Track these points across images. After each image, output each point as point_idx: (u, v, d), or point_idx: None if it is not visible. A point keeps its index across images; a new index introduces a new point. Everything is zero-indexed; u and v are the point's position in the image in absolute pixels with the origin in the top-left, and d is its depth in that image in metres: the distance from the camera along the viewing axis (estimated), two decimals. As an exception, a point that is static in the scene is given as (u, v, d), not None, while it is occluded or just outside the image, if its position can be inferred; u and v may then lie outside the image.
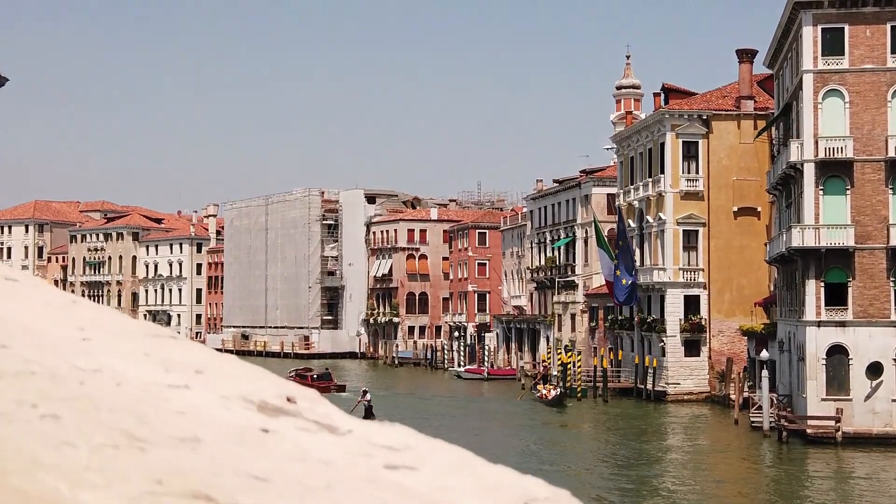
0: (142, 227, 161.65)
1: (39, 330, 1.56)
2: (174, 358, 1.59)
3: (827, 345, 52.46)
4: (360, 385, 77.88)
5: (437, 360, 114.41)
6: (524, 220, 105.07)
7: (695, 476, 44.53)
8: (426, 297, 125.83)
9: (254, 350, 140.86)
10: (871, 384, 52.01)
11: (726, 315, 72.49)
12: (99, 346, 1.56)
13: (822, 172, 53.39)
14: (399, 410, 65.54)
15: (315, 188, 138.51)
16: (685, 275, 73.16)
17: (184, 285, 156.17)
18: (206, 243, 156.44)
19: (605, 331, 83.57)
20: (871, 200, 53.13)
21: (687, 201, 73.22)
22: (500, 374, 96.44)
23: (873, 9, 53.46)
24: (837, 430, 51.00)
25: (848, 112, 53.39)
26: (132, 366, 1.49)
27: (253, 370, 1.69)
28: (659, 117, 74.75)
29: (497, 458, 6.91)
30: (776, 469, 46.98)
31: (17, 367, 1.37)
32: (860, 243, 52.79)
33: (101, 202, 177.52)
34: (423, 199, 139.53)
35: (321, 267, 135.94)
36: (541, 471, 41.52)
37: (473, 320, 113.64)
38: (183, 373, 1.53)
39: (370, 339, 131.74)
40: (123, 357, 1.52)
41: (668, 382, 72.48)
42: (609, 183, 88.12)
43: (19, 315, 1.61)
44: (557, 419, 64.14)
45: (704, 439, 55.97)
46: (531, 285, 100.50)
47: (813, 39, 53.85)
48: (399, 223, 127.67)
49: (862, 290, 52.80)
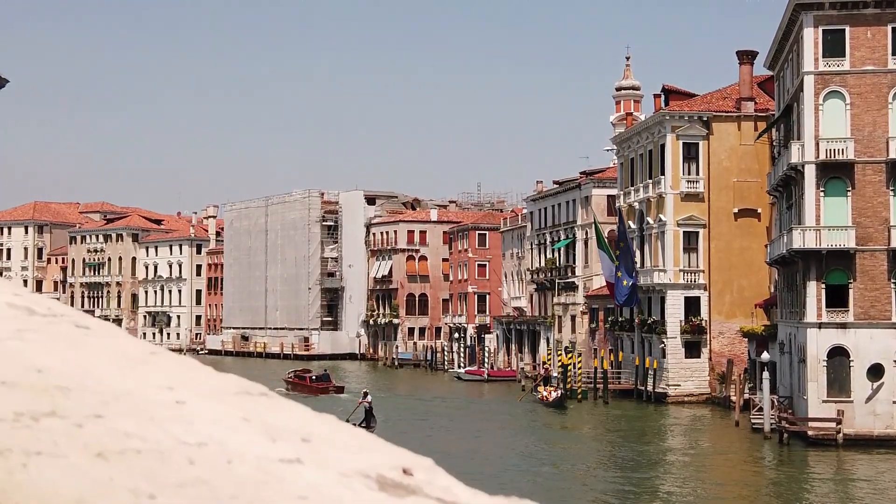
0: (141, 229, 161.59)
1: (129, 392, 1.44)
2: (275, 423, 1.48)
3: (828, 346, 52.44)
4: (360, 386, 77.83)
5: (437, 361, 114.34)
6: (524, 221, 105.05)
7: (695, 478, 44.48)
8: (426, 298, 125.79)
9: (253, 351, 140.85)
10: (871, 386, 51.99)
11: (727, 316, 72.48)
12: (195, 410, 1.45)
13: (822, 174, 53.37)
14: (399, 412, 65.51)
15: (315, 189, 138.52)
16: (685, 276, 73.15)
17: (183, 286, 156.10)
18: (206, 244, 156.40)
19: (606, 332, 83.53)
20: (872, 202, 53.12)
21: (687, 203, 73.21)
22: (500, 376, 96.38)
23: (874, 10, 53.45)
24: (838, 432, 50.96)
25: (849, 114, 53.37)
26: (236, 436, 1.37)
27: (358, 435, 1.57)
28: (659, 119, 74.75)
29: (498, 460, 6.84)
30: (777, 471, 46.94)
31: (120, 444, 1.27)
32: (861, 245, 52.77)
33: (100, 203, 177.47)
34: (422, 200, 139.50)
35: (321, 268, 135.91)
36: (541, 472, 41.56)
37: (473, 321, 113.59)
38: (290, 442, 1.41)
39: (370, 341, 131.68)
40: (224, 425, 1.41)
41: (668, 384, 72.46)
42: (609, 184, 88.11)
43: (101, 372, 1.50)
44: (558, 421, 64.08)
45: (705, 441, 55.93)
46: (531, 287, 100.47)
47: (814, 41, 53.84)
48: (399, 224, 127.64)
49: (863, 291, 52.79)
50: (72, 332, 1.67)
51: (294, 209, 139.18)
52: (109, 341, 1.68)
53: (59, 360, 1.50)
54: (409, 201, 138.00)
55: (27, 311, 1.73)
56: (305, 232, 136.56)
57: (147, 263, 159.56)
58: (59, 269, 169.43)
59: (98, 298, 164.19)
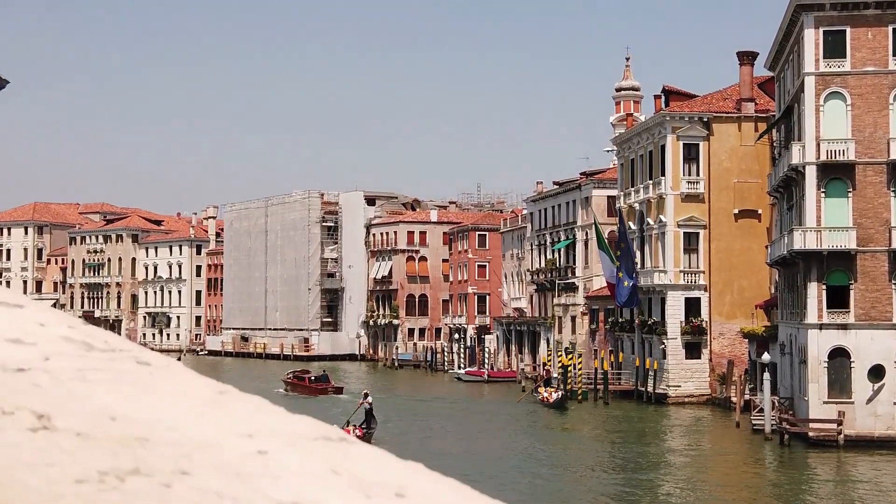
0: (141, 229, 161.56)
1: (210, 442, 1.36)
2: (366, 476, 1.39)
3: (829, 347, 52.43)
4: (359, 387, 77.78)
5: (437, 362, 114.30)
6: (524, 222, 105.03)
7: (696, 479, 44.47)
8: (426, 299, 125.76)
9: (253, 352, 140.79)
10: (872, 387, 51.98)
11: (727, 317, 72.47)
12: (280, 462, 1.36)
13: (823, 175, 53.38)
14: (399, 413, 65.49)
15: (315, 190, 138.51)
16: (686, 277, 73.15)
17: (183, 287, 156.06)
18: (206, 245, 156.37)
19: (606, 333, 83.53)
20: (873, 203, 53.12)
21: (688, 203, 73.22)
22: (500, 377, 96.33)
23: (875, 11, 53.46)
24: (839, 433, 50.94)
25: (850, 114, 53.37)
26: (328, 493, 1.28)
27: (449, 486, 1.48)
28: (660, 119, 74.76)
29: (498, 461, 6.83)
30: (777, 472, 46.94)
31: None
32: (862, 246, 52.78)
33: (100, 204, 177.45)
34: (422, 200, 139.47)
35: (321, 269, 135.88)
36: (542, 473, 41.48)
37: (473, 322, 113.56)
38: (385, 499, 1.33)
39: (370, 341, 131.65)
40: (313, 479, 1.32)
41: (668, 385, 72.45)
42: (609, 185, 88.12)
43: (176, 417, 1.42)
44: (558, 422, 64.06)
45: (705, 442, 55.93)
46: (531, 287, 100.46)
47: (814, 42, 53.84)
48: (399, 225, 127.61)
49: (864, 292, 52.79)
50: (135, 371, 1.60)
51: (294, 210, 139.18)
52: (175, 380, 1.61)
53: (131, 405, 1.42)
54: (409, 202, 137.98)
55: (85, 346, 1.65)
56: (305, 232, 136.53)
57: (147, 264, 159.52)
58: (58, 269, 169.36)
59: (98, 299, 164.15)
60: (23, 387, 1.41)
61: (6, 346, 1.54)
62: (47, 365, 1.50)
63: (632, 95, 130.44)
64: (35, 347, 1.55)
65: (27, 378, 1.44)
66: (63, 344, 1.62)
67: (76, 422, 1.33)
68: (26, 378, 1.44)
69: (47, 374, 1.46)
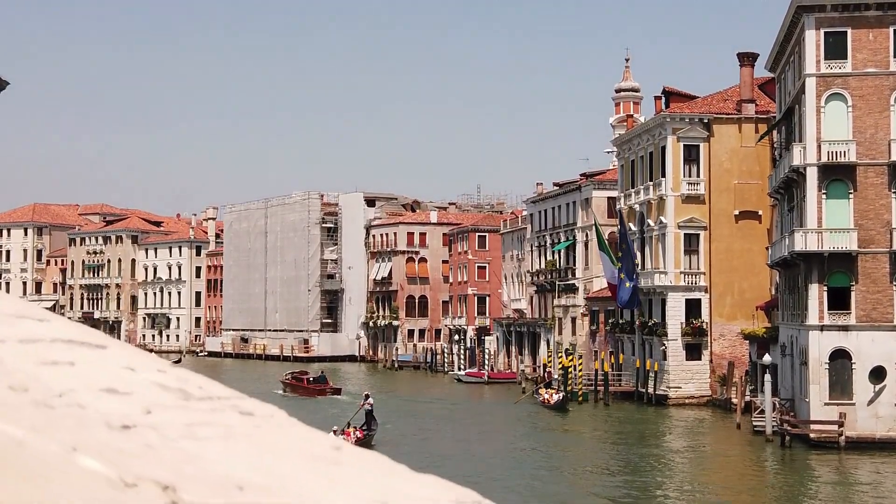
0: (141, 230, 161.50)
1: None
2: None
3: (830, 349, 52.36)
4: (359, 388, 77.76)
5: (437, 363, 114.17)
6: (524, 223, 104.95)
7: (697, 480, 44.40)
8: (426, 300, 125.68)
9: (253, 353, 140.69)
10: (874, 388, 51.90)
11: (727, 319, 72.39)
12: None
13: (824, 176, 53.30)
14: (399, 414, 65.39)
15: (314, 191, 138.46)
16: (686, 278, 73.07)
17: (183, 288, 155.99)
18: (206, 246, 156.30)
19: (606, 334, 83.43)
20: (874, 204, 53.05)
21: (688, 205, 73.15)
22: (500, 378, 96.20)
23: (876, 13, 53.39)
24: (840, 435, 50.84)
25: (851, 116, 53.30)
26: None
27: None
28: (660, 121, 74.69)
29: (498, 462, 6.68)
30: (778, 474, 46.86)
31: None
32: (863, 247, 52.70)
33: (100, 205, 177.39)
34: (422, 202, 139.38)
35: (321, 270, 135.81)
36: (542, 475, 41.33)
37: (473, 323, 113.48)
38: None
39: (370, 343, 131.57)
40: None
41: (669, 386, 72.35)
42: (609, 186, 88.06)
43: (301, 483, 1.30)
44: (559, 423, 63.96)
45: (706, 443, 55.83)
46: (531, 288, 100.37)
47: (815, 43, 53.77)
48: (398, 226, 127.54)
49: (865, 294, 52.72)
50: (242, 424, 1.46)
51: (294, 211, 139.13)
52: (285, 434, 1.48)
53: (252, 470, 1.31)
54: (409, 203, 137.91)
55: (182, 393, 1.52)
56: (305, 234, 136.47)
57: (146, 265, 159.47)
58: (58, 270, 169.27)
59: (97, 300, 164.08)
60: (135, 449, 1.29)
61: (103, 398, 1.40)
62: (151, 420, 1.38)
63: (631, 96, 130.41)
64: (132, 398, 1.43)
65: (136, 438, 1.32)
66: (159, 392, 1.50)
67: (204, 493, 1.22)
68: (136, 438, 1.32)
69: (155, 431, 1.35)
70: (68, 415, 1.32)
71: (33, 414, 1.30)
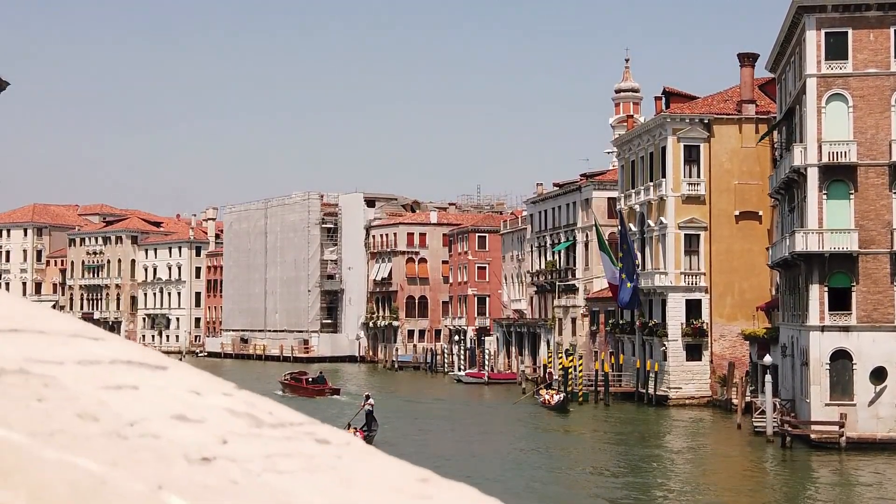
0: (141, 231, 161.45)
1: None
2: None
3: (830, 349, 52.31)
4: (360, 389, 77.66)
5: (437, 363, 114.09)
6: (524, 223, 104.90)
7: (697, 481, 44.33)
8: (426, 300, 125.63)
9: (253, 354, 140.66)
10: (874, 389, 51.85)
11: (728, 319, 72.33)
12: None
13: (825, 177, 53.25)
14: (399, 415, 65.31)
15: (314, 192, 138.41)
16: (686, 279, 73.02)
17: (183, 289, 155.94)
18: (206, 247, 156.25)
19: (606, 335, 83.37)
20: (875, 205, 53.01)
21: (688, 205, 73.09)
22: (500, 378, 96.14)
23: (877, 13, 53.34)
24: (841, 436, 50.79)
25: (851, 116, 53.25)
26: None
27: None
28: (660, 121, 74.63)
29: (499, 463, 6.58)
30: (779, 474, 46.81)
31: None
32: (864, 248, 52.65)
33: (99, 206, 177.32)
34: (422, 202, 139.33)
35: (321, 270, 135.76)
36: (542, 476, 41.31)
37: (473, 324, 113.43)
38: None
39: (370, 343, 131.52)
40: None
41: (669, 387, 72.29)
42: (609, 187, 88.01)
43: None
44: (559, 424, 63.90)
45: (706, 444, 55.77)
46: (531, 289, 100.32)
47: (816, 44, 53.72)
48: (398, 227, 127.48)
49: (866, 294, 52.66)
50: (322, 454, 1.36)
51: (294, 211, 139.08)
52: (367, 464, 1.38)
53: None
54: (409, 203, 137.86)
55: (252, 420, 1.40)
56: (305, 234, 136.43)
57: (146, 266, 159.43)
58: (58, 271, 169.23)
59: (97, 301, 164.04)
60: (220, 485, 1.18)
61: (175, 427, 1.29)
62: (229, 451, 1.27)
63: (631, 97, 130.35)
64: (205, 426, 1.33)
65: (219, 472, 1.21)
66: (230, 418, 1.39)
67: None
68: (218, 472, 1.21)
69: (235, 464, 1.24)
70: (144, 446, 1.21)
71: (108, 446, 1.18)
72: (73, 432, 1.18)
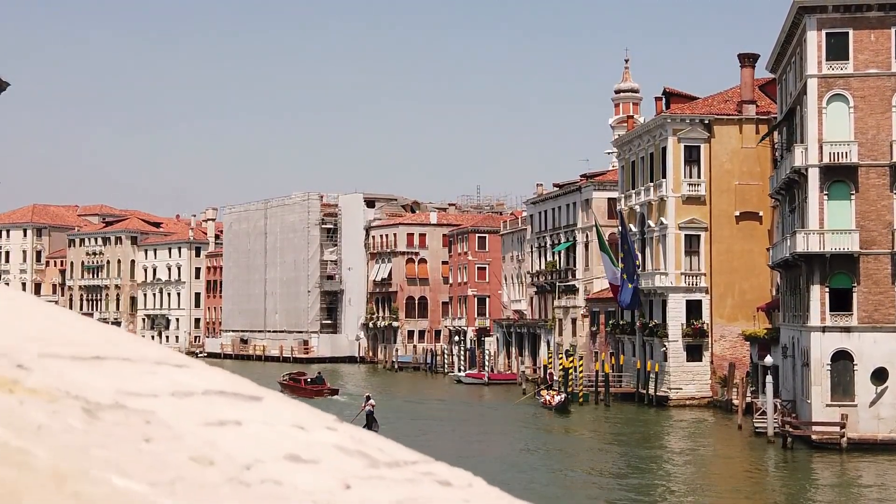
0: (140, 231, 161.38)
1: None
2: None
3: (832, 350, 52.28)
4: (359, 390, 77.60)
5: (437, 364, 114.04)
6: (524, 224, 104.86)
7: (698, 482, 44.30)
8: (426, 301, 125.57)
9: (252, 354, 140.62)
10: (876, 390, 51.82)
11: (728, 320, 72.29)
12: None
13: (826, 177, 53.22)
14: (399, 416, 65.26)
15: (314, 192, 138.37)
16: (687, 279, 72.98)
17: (182, 289, 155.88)
18: (205, 247, 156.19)
19: (607, 335, 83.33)
20: (876, 205, 52.98)
21: (689, 206, 73.06)
22: (500, 379, 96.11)
23: (878, 13, 53.31)
24: (842, 436, 50.76)
25: (852, 117, 53.22)
26: None
27: None
28: (660, 122, 74.59)
29: (499, 463, 6.54)
30: (780, 475, 46.77)
31: None
32: (865, 248, 52.61)
33: (99, 206, 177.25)
34: (422, 203, 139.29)
35: (320, 271, 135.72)
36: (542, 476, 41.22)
37: (473, 325, 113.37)
38: None
39: (369, 344, 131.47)
40: None
41: (669, 387, 72.25)
42: (610, 187, 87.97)
43: None
44: (560, 424, 63.88)
45: (707, 445, 55.74)
46: (531, 289, 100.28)
47: (817, 44, 53.70)
48: (398, 227, 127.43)
49: (867, 295, 52.62)
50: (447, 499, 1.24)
51: (293, 212, 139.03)
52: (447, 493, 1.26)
53: None
54: (409, 204, 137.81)
55: (367, 459, 1.27)
56: (305, 235, 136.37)
57: (146, 266, 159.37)
58: (57, 271, 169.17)
59: (97, 301, 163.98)
60: None
61: (293, 471, 1.15)
62: (356, 497, 1.13)
63: (631, 97, 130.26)
64: (322, 468, 1.18)
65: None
66: (345, 458, 1.25)
67: None
68: None
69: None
70: (269, 495, 1.07)
71: (231, 495, 1.05)
72: (192, 480, 1.05)
